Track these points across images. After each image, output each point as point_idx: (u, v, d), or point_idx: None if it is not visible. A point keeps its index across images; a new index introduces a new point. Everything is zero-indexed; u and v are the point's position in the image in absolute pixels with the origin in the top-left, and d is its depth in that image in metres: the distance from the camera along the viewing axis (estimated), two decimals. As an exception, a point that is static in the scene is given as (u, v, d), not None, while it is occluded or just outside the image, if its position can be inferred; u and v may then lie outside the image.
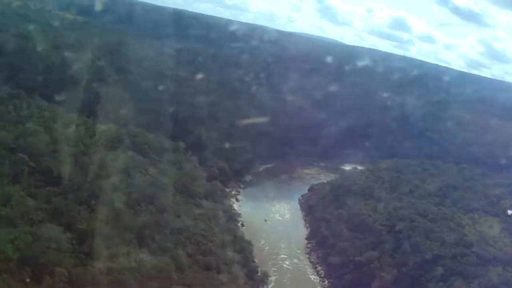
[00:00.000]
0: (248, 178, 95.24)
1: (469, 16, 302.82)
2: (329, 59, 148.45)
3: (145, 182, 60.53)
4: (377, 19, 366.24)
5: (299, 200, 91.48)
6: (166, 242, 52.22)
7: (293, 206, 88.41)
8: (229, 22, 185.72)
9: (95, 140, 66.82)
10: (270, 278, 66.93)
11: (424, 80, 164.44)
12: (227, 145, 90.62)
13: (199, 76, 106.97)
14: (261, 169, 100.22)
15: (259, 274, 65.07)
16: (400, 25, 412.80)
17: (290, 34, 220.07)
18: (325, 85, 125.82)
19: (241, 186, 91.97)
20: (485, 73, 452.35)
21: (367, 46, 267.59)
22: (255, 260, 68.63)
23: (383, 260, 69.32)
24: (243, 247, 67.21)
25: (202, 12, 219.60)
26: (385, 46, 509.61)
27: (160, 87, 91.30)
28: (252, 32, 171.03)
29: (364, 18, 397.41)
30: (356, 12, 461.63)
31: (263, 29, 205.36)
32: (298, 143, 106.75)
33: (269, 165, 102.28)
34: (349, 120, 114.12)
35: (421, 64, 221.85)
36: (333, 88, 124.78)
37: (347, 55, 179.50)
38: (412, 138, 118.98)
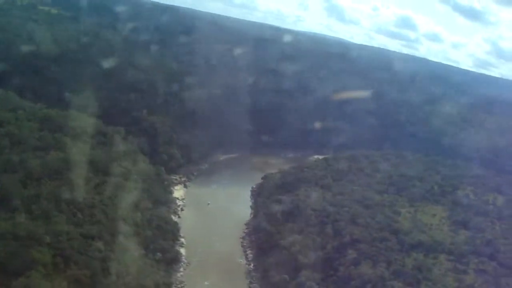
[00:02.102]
0: (204, 166, 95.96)
1: (472, 14, 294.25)
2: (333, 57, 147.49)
3: (58, 159, 62.65)
4: (383, 17, 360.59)
5: (252, 188, 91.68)
6: (51, 211, 53.86)
7: (244, 194, 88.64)
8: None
9: (26, 122, 70.39)
10: (186, 259, 67.84)
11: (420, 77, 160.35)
12: (184, 134, 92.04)
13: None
14: (222, 158, 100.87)
15: (170, 254, 65.57)
16: (406, 23, 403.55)
17: (297, 33, 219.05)
18: (317, 78, 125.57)
19: (195, 173, 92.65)
20: (494, 72, 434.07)
21: (376, 45, 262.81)
22: (181, 240, 70.70)
23: (304, 243, 68.84)
24: (160, 226, 68.20)
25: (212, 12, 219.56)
26: (394, 45, 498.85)
27: (121, 76, 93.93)
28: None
29: (370, 16, 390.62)
30: (363, 10, 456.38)
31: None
32: (271, 134, 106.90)
33: (232, 155, 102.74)
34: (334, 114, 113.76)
35: (420, 62, 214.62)
36: (322, 81, 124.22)
37: (355, 53, 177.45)
38: (399, 131, 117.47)
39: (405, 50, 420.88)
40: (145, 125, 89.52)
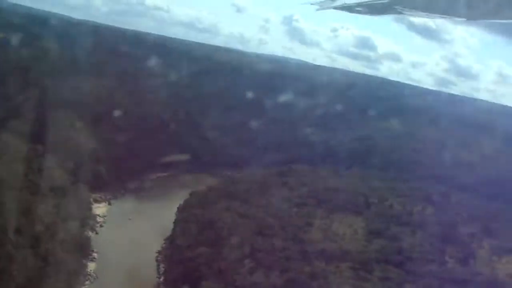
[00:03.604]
0: (133, 184, 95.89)
1: (427, 33, 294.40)
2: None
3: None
4: (343, 39, 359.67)
5: (179, 205, 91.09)
6: None
7: (170, 210, 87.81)
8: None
9: None
10: (94, 273, 67.80)
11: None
12: (113, 152, 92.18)
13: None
14: (153, 176, 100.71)
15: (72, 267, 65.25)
16: (366, 44, 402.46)
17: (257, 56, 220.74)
18: (268, 99, 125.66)
19: (122, 191, 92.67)
20: (454, 90, 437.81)
21: (339, 66, 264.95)
22: (93, 255, 71.96)
23: (209, 255, 68.55)
24: (66, 240, 67.91)
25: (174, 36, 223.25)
26: (356, 66, 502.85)
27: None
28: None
29: (330, 38, 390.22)
30: (322, 33, 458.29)
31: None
32: (207, 152, 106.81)
33: (164, 174, 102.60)
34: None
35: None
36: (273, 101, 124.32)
37: (313, 75, 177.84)
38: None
39: (368, 71, 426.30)
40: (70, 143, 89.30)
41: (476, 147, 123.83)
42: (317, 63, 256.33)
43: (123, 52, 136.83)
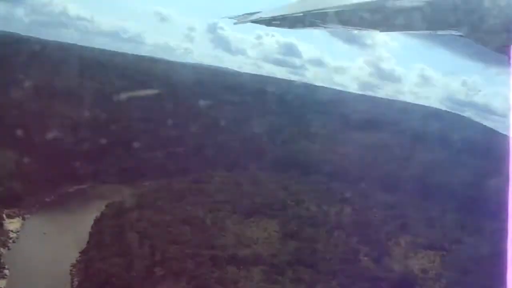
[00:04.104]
0: (50, 198, 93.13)
1: (349, 38, 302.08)
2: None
3: None
4: (268, 46, 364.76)
5: (96, 216, 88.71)
6: None
7: (86, 223, 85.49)
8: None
9: None
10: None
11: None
12: (28, 166, 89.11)
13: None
14: (71, 189, 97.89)
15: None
16: (290, 51, 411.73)
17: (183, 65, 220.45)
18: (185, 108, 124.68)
19: (37, 205, 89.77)
20: (380, 93, 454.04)
21: (265, 74, 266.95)
22: (4, 271, 69.44)
23: (120, 265, 67.78)
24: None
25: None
26: (282, 72, 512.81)
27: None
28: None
29: (255, 45, 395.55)
30: (247, 40, 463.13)
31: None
32: (128, 162, 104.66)
33: (83, 186, 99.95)
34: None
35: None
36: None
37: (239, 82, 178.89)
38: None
39: (293, 77, 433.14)
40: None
41: (397, 147, 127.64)
42: (243, 71, 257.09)
43: (45, 64, 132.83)
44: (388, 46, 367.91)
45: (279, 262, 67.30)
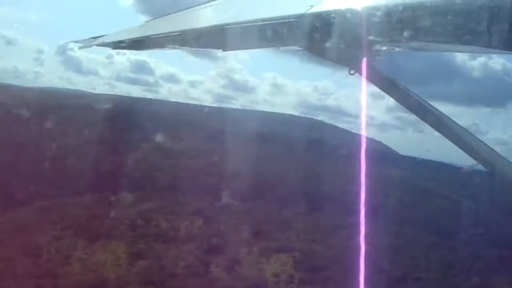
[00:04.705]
0: None
1: (200, 52, 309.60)
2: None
3: None
4: (119, 65, 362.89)
5: None
6: None
7: None
8: None
9: None
10: None
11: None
12: None
13: None
14: None
15: None
16: (143, 68, 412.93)
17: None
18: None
19: None
20: (235, 105, 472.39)
21: (119, 93, 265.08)
22: None
23: None
24: None
25: None
26: (136, 91, 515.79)
27: None
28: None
29: (106, 65, 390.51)
30: (98, 60, 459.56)
31: None
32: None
33: None
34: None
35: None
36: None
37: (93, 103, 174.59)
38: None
39: (149, 95, 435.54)
40: None
41: (252, 156, 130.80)
42: (97, 92, 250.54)
43: None
44: (238, 57, 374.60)
45: (126, 284, 66.74)
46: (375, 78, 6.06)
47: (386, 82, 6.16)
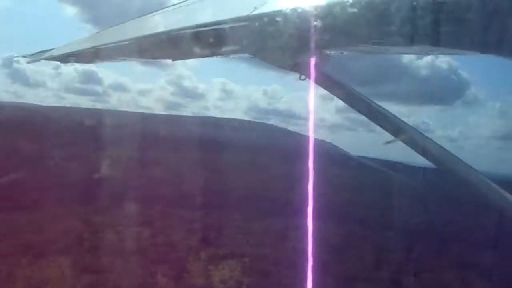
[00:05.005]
0: None
1: (148, 61, 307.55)
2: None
3: None
4: (67, 76, 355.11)
5: None
6: None
7: None
8: None
9: None
10: None
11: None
12: None
13: None
14: None
15: None
16: (91, 78, 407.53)
17: None
18: None
19: None
20: (186, 112, 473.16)
21: (68, 105, 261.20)
22: None
23: None
24: None
25: None
26: (85, 102, 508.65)
27: None
28: None
29: (53, 76, 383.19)
30: (44, 71, 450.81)
31: None
32: None
33: None
34: None
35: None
36: None
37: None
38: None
39: (98, 105, 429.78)
40: None
41: (201, 161, 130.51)
42: (45, 104, 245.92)
43: None
44: (187, 64, 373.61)
45: (70, 299, 66.20)
46: (324, 81, 5.98)
47: (335, 84, 6.07)
